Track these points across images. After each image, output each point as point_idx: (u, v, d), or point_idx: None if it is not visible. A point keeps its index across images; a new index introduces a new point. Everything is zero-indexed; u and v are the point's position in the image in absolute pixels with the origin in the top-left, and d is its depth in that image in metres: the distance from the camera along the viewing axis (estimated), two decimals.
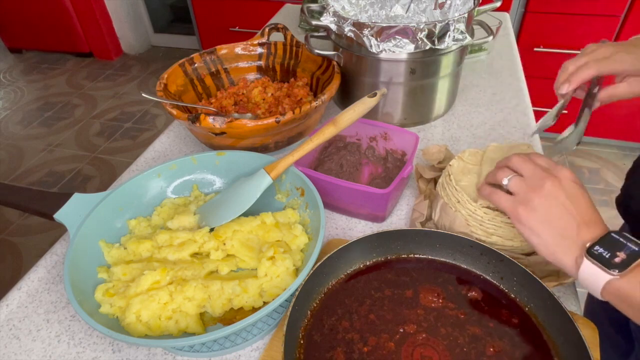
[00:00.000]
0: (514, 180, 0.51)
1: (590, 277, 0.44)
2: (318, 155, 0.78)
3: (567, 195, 0.48)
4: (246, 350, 0.56)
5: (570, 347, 0.49)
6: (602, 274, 0.43)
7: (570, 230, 0.47)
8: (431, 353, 0.51)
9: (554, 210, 0.48)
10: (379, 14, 0.96)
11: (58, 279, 0.66)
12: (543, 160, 0.52)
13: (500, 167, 0.55)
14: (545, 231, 0.48)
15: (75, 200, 0.64)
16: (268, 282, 0.57)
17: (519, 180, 0.51)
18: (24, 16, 3.21)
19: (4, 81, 3.20)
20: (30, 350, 0.57)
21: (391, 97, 0.88)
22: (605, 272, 0.43)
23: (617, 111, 2.13)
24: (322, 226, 0.58)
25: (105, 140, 2.57)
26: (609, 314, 0.81)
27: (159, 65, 3.30)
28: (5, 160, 2.46)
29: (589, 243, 0.45)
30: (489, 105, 0.97)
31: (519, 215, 0.49)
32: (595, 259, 0.43)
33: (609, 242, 0.44)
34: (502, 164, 0.55)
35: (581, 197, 0.48)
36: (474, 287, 0.58)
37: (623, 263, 0.42)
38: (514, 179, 0.52)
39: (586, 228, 0.46)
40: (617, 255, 0.43)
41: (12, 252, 1.95)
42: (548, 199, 0.48)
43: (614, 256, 0.43)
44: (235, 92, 0.94)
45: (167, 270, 0.57)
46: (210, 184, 0.73)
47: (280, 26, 0.95)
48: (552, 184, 0.48)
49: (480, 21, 0.87)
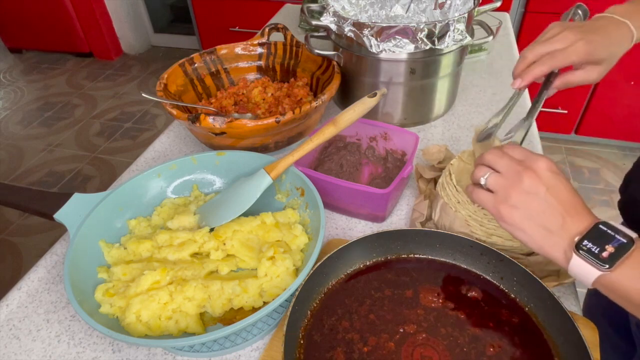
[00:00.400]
0: (491, 178, 0.50)
1: (581, 271, 0.44)
2: (318, 155, 0.78)
3: (547, 188, 0.46)
4: (246, 350, 0.56)
5: (570, 347, 0.49)
6: (592, 270, 0.43)
7: (554, 223, 0.45)
8: (431, 353, 0.51)
9: (535, 205, 0.46)
10: (379, 14, 0.96)
11: (58, 279, 0.66)
12: (518, 152, 0.50)
13: (477, 165, 0.53)
14: (529, 227, 0.47)
15: (75, 200, 0.64)
16: (268, 282, 0.57)
17: (496, 177, 0.49)
18: (24, 16, 3.21)
19: (4, 81, 3.20)
20: (30, 350, 0.57)
21: (391, 97, 0.88)
22: (595, 268, 0.42)
23: (617, 111, 2.13)
24: (322, 226, 0.58)
25: (105, 140, 2.57)
26: (607, 315, 0.81)
27: (159, 65, 3.30)
28: (5, 160, 2.46)
29: (577, 237, 0.44)
30: (489, 105, 0.97)
31: (501, 214, 0.48)
32: (584, 254, 0.43)
33: (597, 234, 0.43)
34: (479, 161, 0.53)
35: (562, 186, 0.47)
36: (474, 287, 0.58)
37: (612, 257, 0.42)
38: (491, 177, 0.50)
39: (571, 219, 0.45)
40: (605, 249, 0.42)
41: (12, 252, 1.95)
42: (528, 194, 0.47)
43: (603, 250, 0.42)
44: (235, 92, 0.94)
45: (167, 270, 0.57)
46: (210, 184, 0.73)
47: (280, 26, 0.95)
48: (530, 178, 0.47)
49: (480, 21, 0.87)
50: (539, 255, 0.59)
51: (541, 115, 2.19)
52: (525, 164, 0.48)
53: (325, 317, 0.55)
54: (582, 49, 0.58)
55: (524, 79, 0.60)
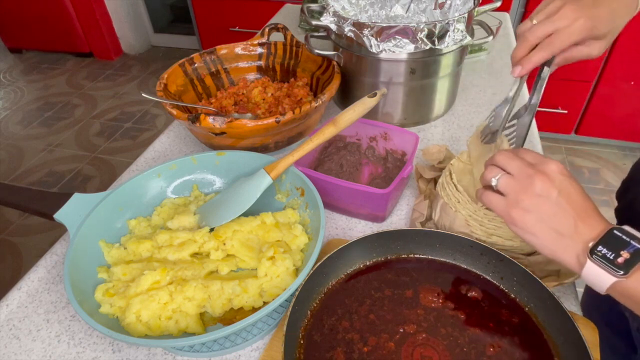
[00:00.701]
0: (502, 180, 0.49)
1: (595, 277, 0.43)
2: (318, 155, 0.78)
3: (560, 192, 0.46)
4: (246, 350, 0.56)
5: (570, 347, 0.49)
6: (607, 276, 0.42)
7: (567, 227, 0.45)
8: (431, 353, 0.51)
9: (547, 210, 0.46)
10: (379, 14, 0.96)
11: (58, 279, 0.66)
12: (530, 155, 0.49)
13: (488, 166, 0.52)
14: (541, 232, 0.46)
15: (75, 200, 0.64)
16: (268, 282, 0.57)
17: (507, 180, 0.49)
18: (24, 16, 3.21)
19: (4, 81, 3.20)
20: (30, 350, 0.57)
21: (391, 97, 0.88)
22: (610, 274, 0.42)
23: (617, 111, 2.13)
24: (322, 226, 0.58)
25: (105, 140, 2.57)
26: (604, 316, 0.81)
27: (159, 65, 3.30)
28: (5, 160, 2.46)
29: (592, 243, 0.43)
30: (489, 105, 0.97)
31: (512, 218, 0.48)
32: (598, 260, 0.42)
33: (612, 240, 0.43)
34: (490, 162, 0.52)
35: (573, 190, 0.46)
36: (474, 287, 0.58)
37: (627, 263, 0.41)
38: (502, 179, 0.49)
39: (583, 223, 0.44)
40: (620, 255, 0.41)
41: (12, 252, 1.95)
42: (539, 197, 0.46)
43: (618, 256, 0.42)
44: (235, 92, 0.94)
45: (167, 270, 0.57)
46: (210, 184, 0.73)
47: (280, 26, 0.95)
48: (542, 181, 0.46)
49: (480, 21, 0.87)
50: (539, 255, 0.59)
51: (541, 115, 2.20)
52: (537, 167, 0.47)
53: (325, 317, 0.55)
54: (583, 27, 0.55)
55: (525, 67, 0.58)
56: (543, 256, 0.59)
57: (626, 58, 1.95)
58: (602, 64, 2.01)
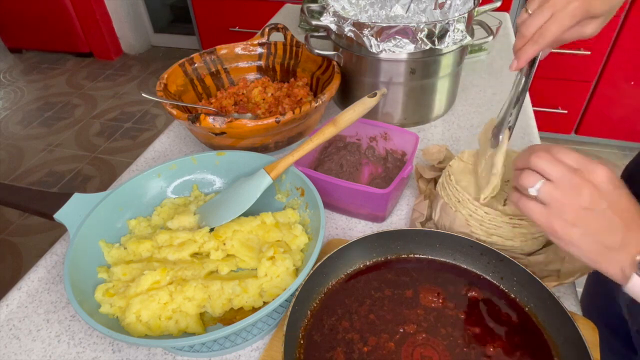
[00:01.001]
0: (544, 190, 0.45)
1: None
2: (318, 155, 0.78)
3: (609, 203, 0.42)
4: (246, 350, 0.56)
5: (570, 347, 0.49)
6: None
7: (614, 241, 0.42)
8: (431, 353, 0.51)
9: (594, 224, 0.43)
10: (379, 14, 0.96)
11: (58, 279, 0.66)
12: (571, 157, 0.44)
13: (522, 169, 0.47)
14: (586, 245, 0.43)
15: (75, 200, 0.64)
16: (268, 282, 0.57)
17: (550, 189, 0.44)
18: (24, 16, 3.21)
19: (4, 81, 3.20)
20: (30, 350, 0.57)
21: (391, 97, 0.88)
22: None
23: (617, 111, 2.13)
24: (322, 226, 0.58)
25: (105, 140, 2.57)
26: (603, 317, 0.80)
27: (159, 65, 3.30)
28: (5, 160, 2.46)
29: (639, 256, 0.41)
30: (489, 105, 0.97)
31: (555, 230, 0.44)
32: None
33: None
34: (523, 164, 0.47)
35: (624, 200, 0.43)
36: (474, 287, 0.58)
37: None
38: (544, 188, 0.45)
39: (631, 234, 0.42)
40: None
41: (12, 252, 1.95)
42: (586, 210, 0.43)
43: None
44: (235, 92, 0.94)
45: (167, 270, 0.57)
46: (210, 184, 0.73)
47: (280, 26, 0.95)
48: (590, 194, 0.42)
49: (480, 21, 0.87)
50: (539, 255, 0.59)
51: (541, 115, 2.19)
52: (584, 175, 0.43)
53: (325, 317, 0.55)
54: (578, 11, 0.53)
55: (519, 61, 0.58)
56: (543, 256, 0.60)
57: (626, 58, 1.95)
58: (602, 64, 2.01)
